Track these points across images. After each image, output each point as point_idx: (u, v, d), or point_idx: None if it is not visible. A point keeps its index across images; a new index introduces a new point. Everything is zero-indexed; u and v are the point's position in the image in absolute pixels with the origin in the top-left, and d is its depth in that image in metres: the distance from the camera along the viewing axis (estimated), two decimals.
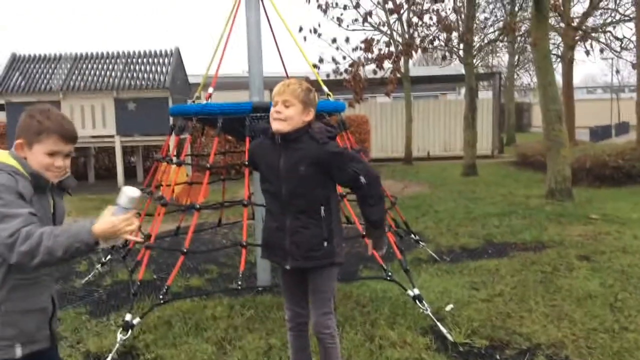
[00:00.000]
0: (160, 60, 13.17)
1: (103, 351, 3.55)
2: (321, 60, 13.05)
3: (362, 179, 2.58)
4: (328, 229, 2.65)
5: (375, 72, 11.64)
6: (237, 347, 3.56)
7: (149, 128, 12.52)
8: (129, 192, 1.93)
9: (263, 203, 4.59)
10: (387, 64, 11.49)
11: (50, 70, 13.02)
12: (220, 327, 3.91)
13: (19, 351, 2.03)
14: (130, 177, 13.75)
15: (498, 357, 3.41)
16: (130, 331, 3.56)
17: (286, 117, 2.56)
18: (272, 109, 2.61)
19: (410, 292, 3.98)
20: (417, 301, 3.94)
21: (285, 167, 2.60)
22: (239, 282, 3.88)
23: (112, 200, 7.45)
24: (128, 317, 3.62)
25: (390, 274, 4.00)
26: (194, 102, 4.91)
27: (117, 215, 1.89)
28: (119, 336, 3.52)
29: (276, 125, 2.58)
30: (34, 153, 2.03)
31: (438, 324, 3.77)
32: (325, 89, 4.74)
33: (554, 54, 18.81)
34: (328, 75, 13.54)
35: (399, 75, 12.64)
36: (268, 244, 2.77)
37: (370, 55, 11.27)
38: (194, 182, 6.25)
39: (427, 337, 3.66)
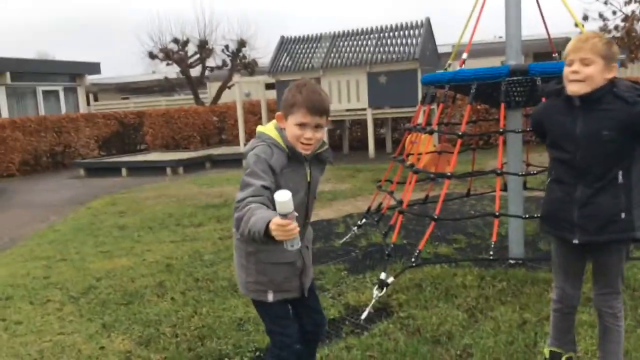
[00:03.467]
0: (411, 32, 13.33)
1: (360, 305, 3.85)
2: (586, 18, 11.79)
3: None
4: (627, 197, 2.33)
5: None
6: (489, 317, 3.51)
7: (399, 100, 12.90)
8: (277, 198, 1.88)
9: (517, 172, 4.42)
10: None
11: (312, 50, 14.25)
12: (471, 295, 3.89)
13: (270, 296, 2.36)
14: (380, 148, 14.41)
15: None
16: (385, 289, 3.79)
17: (586, 77, 2.28)
18: (567, 69, 2.34)
19: None
20: None
21: (585, 132, 2.34)
22: (491, 253, 3.81)
23: (363, 169, 7.96)
24: (383, 276, 3.84)
25: None
26: (446, 69, 4.88)
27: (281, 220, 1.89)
28: (375, 292, 3.77)
29: (573, 87, 2.32)
30: (288, 124, 2.24)
31: None
32: None
33: None
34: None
35: None
36: (552, 216, 2.52)
37: None
38: (443, 151, 6.28)
39: None
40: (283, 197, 1.89)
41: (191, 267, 5.12)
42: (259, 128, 2.35)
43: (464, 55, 4.36)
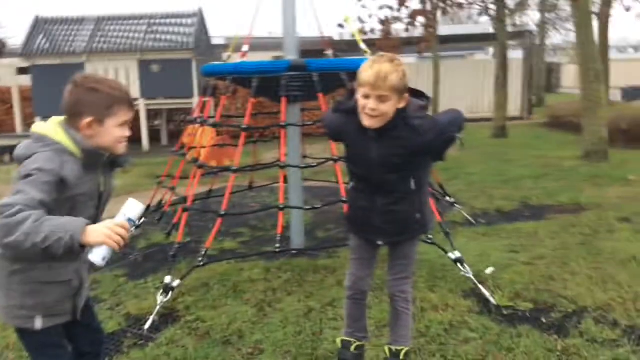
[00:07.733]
0: (184, 21, 12.98)
1: (143, 313, 3.55)
2: (346, 20, 12.79)
3: (459, 136, 2.35)
4: (419, 200, 2.52)
5: (407, 30, 11.33)
6: (277, 310, 3.54)
7: (173, 90, 12.46)
8: (133, 199, 1.83)
9: (297, 164, 4.54)
10: (419, 22, 11.19)
11: (73, 32, 12.91)
12: (259, 289, 3.88)
13: (38, 323, 1.99)
14: (155, 141, 13.76)
15: (544, 320, 3.32)
16: (170, 293, 3.56)
17: (382, 114, 2.29)
18: (362, 102, 2.29)
19: (452, 255, 3.90)
20: (458, 264, 3.86)
21: (378, 158, 2.40)
22: (277, 245, 3.85)
23: (137, 163, 7.40)
24: (167, 279, 3.60)
25: (430, 237, 3.91)
26: (225, 61, 4.78)
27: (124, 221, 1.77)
28: (160, 298, 3.51)
29: (369, 122, 2.31)
30: (106, 129, 1.90)
31: (480, 286, 3.70)
32: (363, 46, 4.58)
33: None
34: (353, 35, 13.25)
35: (430, 32, 12.28)
36: (356, 221, 2.65)
37: (402, 12, 10.99)
38: (224, 144, 6.21)
39: (469, 300, 3.59)
40: (137, 202, 1.82)
41: None
42: (37, 128, 1.89)
43: (245, 48, 4.31)
